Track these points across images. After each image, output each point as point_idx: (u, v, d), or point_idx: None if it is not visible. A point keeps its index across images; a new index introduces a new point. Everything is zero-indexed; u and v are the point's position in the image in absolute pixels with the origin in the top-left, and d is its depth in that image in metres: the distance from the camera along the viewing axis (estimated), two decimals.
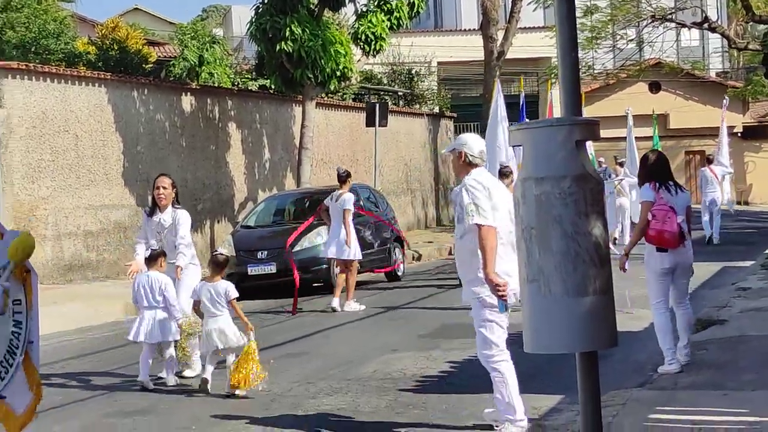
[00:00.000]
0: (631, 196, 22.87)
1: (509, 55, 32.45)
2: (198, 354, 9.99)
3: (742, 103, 44.50)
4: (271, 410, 8.46)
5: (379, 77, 36.80)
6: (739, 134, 43.93)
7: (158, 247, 10.23)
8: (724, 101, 28.75)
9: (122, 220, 20.60)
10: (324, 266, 17.26)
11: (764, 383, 8.07)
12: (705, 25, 29.71)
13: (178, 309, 9.85)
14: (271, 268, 17.10)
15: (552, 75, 31.82)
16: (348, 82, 26.37)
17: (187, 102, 23.12)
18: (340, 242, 15.21)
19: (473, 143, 7.37)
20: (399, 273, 19.32)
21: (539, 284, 4.65)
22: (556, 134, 4.67)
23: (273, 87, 25.17)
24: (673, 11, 29.61)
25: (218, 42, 25.94)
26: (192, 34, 24.95)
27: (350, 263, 15.26)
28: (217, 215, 23.67)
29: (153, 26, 44.01)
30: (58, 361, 11.22)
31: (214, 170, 23.73)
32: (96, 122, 20.24)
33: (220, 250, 9.94)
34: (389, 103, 31.24)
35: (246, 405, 8.71)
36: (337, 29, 25.14)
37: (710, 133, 38.35)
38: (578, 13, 16.06)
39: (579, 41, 5.86)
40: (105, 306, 15.81)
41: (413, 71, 37.68)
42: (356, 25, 24.49)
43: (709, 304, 13.06)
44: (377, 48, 24.52)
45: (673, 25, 30.64)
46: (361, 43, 24.31)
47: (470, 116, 36.13)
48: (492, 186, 7.21)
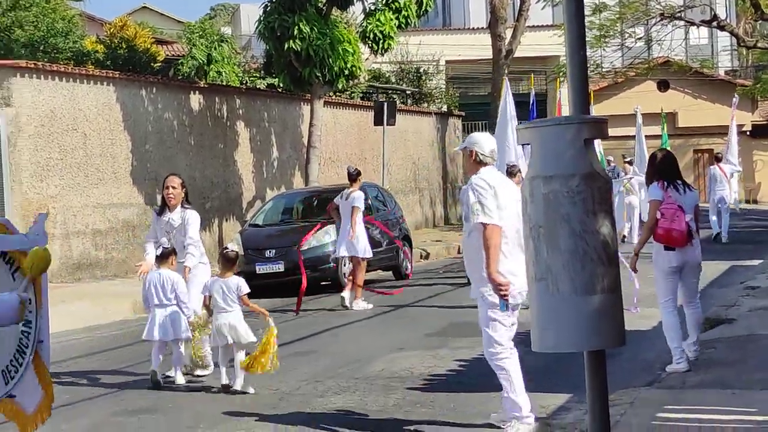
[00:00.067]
0: (641, 195, 22.86)
1: (517, 54, 32.41)
2: (209, 349, 9.99)
3: (751, 102, 44.38)
4: (280, 409, 8.47)
5: (388, 76, 36.78)
6: (748, 133, 43.84)
7: (169, 246, 10.19)
8: (734, 99, 28.68)
9: (131, 219, 20.62)
10: (332, 265, 17.27)
11: None
12: (714, 24, 29.63)
13: (190, 306, 9.84)
14: (279, 267, 17.10)
15: (560, 73, 31.79)
16: (356, 81, 26.37)
17: (196, 100, 23.14)
18: (350, 240, 15.24)
19: (484, 142, 7.37)
20: (407, 271, 19.35)
21: (547, 283, 4.64)
22: (565, 133, 4.67)
23: (281, 85, 25.17)
24: (682, 9, 29.54)
25: (226, 40, 25.92)
26: (200, 33, 24.93)
27: (359, 261, 15.28)
28: (226, 214, 23.69)
29: (161, 25, 44.08)
30: (66, 360, 11.23)
31: (223, 169, 23.75)
32: (104, 121, 20.26)
33: (230, 246, 9.92)
34: (397, 102, 31.21)
35: (254, 403, 8.72)
36: (346, 28, 25.16)
37: (719, 132, 38.27)
38: (587, 11, 16.01)
39: (587, 39, 5.86)
40: (113, 305, 15.83)
41: (421, 70, 37.66)
42: (364, 24, 24.48)
43: (718, 303, 13.06)
44: (385, 46, 24.49)
45: (682, 24, 30.57)
46: (370, 42, 24.29)
47: (478, 115, 36.09)
48: (499, 185, 7.19)
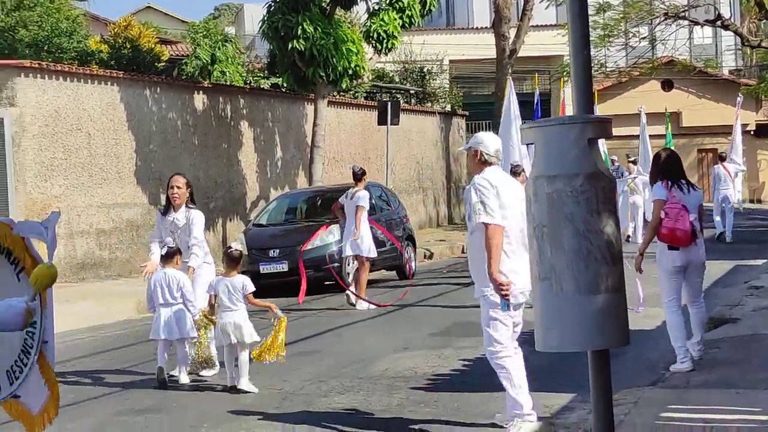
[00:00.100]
0: (645, 194, 22.85)
1: (521, 53, 32.43)
2: (215, 349, 9.99)
3: (755, 101, 44.31)
4: (283, 408, 8.48)
5: (391, 75, 36.78)
6: (752, 132, 43.79)
7: (174, 245, 10.16)
8: (738, 99, 28.65)
9: (135, 219, 20.64)
10: (336, 264, 17.28)
11: None
12: (718, 23, 29.66)
13: (196, 305, 9.83)
14: (283, 267, 17.09)
15: (564, 73, 31.78)
16: (360, 81, 26.35)
17: (200, 100, 23.16)
18: (355, 239, 15.27)
19: (489, 142, 7.38)
20: (410, 271, 19.38)
21: (551, 282, 4.63)
22: (569, 132, 4.65)
23: (285, 85, 25.17)
24: (686, 9, 29.54)
25: (230, 40, 25.95)
26: (204, 33, 24.96)
27: (363, 260, 15.30)
28: (230, 213, 23.70)
29: (165, 25, 44.08)
30: (71, 360, 11.25)
31: (227, 168, 23.77)
32: (108, 121, 20.29)
33: (234, 245, 9.92)
34: (401, 102, 31.21)
35: (258, 403, 8.72)
36: (349, 27, 25.15)
37: (723, 131, 38.25)
38: (591, 11, 16.01)
39: (591, 39, 5.86)
40: (117, 304, 15.86)
41: (425, 69, 37.65)
42: (368, 24, 24.49)
43: (722, 303, 13.05)
44: (389, 46, 24.51)
45: (686, 23, 30.56)
46: (373, 42, 24.30)
47: (482, 114, 36.09)
48: (502, 184, 7.19)
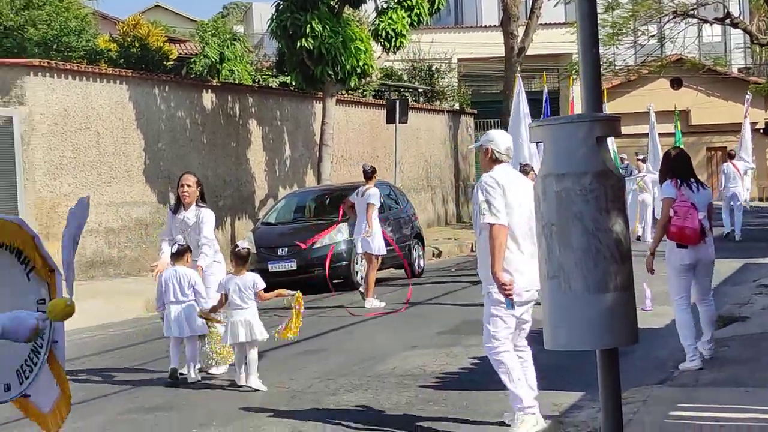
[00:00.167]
0: (654, 192, 22.85)
1: (530, 52, 32.38)
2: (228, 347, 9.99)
3: (765, 99, 44.27)
4: (292, 406, 8.49)
5: (400, 74, 36.80)
6: (761, 130, 43.71)
7: (184, 243, 10.15)
8: (747, 97, 28.61)
9: (143, 217, 20.68)
10: (344, 263, 17.32)
11: None
12: (727, 21, 29.60)
13: (209, 303, 9.82)
14: (292, 265, 17.12)
15: (573, 71, 31.79)
16: (368, 79, 26.42)
17: (208, 99, 23.19)
18: (365, 237, 15.31)
19: (500, 140, 7.37)
20: (419, 269, 19.43)
21: (559, 281, 4.62)
22: (577, 131, 4.64)
23: (293, 84, 25.20)
24: (695, 7, 29.49)
25: (239, 39, 25.98)
26: (213, 32, 24.99)
27: (372, 258, 15.33)
28: (238, 212, 23.73)
29: (174, 23, 44.12)
30: (80, 358, 11.29)
31: (235, 167, 23.80)
32: (117, 119, 20.32)
33: (241, 244, 9.90)
34: (409, 100, 31.23)
35: (267, 401, 8.75)
36: (358, 26, 25.17)
37: (732, 130, 38.18)
38: (599, 9, 16.03)
39: (600, 37, 5.84)
40: (126, 303, 15.91)
41: (433, 68, 37.67)
42: (376, 22, 24.51)
43: (731, 301, 13.02)
44: (397, 45, 24.53)
45: (695, 21, 30.52)
46: (382, 40, 24.32)
47: (491, 113, 36.08)
48: (509, 183, 7.16)
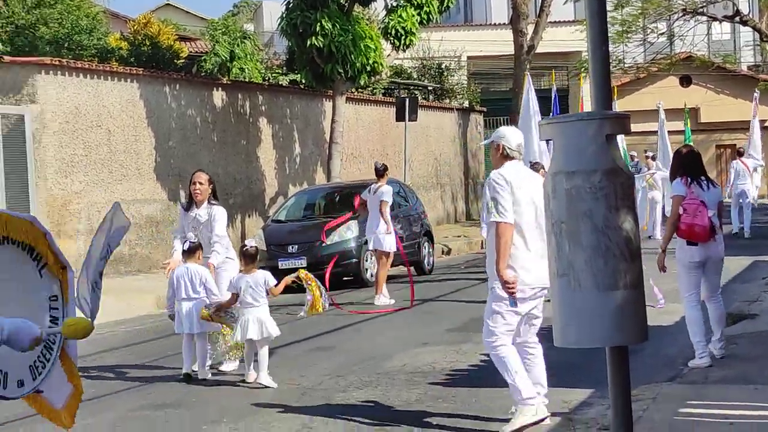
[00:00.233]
0: (663, 190, 22.86)
1: (539, 50, 32.36)
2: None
3: None
4: (302, 402, 8.53)
5: (409, 72, 36.81)
6: None
7: (196, 240, 10.17)
8: (755, 94, 28.56)
9: (154, 215, 20.75)
10: (354, 260, 17.36)
11: None
12: (736, 19, 29.52)
13: (221, 298, 9.84)
14: (302, 263, 17.12)
15: (583, 69, 31.75)
16: (378, 77, 26.42)
17: (219, 97, 23.24)
18: (378, 234, 15.37)
19: (511, 136, 7.40)
20: (428, 267, 19.49)
21: (569, 279, 4.62)
22: (587, 128, 4.64)
23: (303, 82, 25.22)
24: (705, 5, 29.42)
25: (249, 37, 26.04)
26: (223, 30, 25.06)
27: (383, 255, 15.39)
28: (248, 210, 23.79)
29: (184, 22, 44.17)
30: (91, 354, 11.32)
31: (245, 165, 23.85)
32: (128, 117, 20.39)
33: (248, 243, 9.93)
34: (419, 98, 31.25)
35: (277, 398, 8.78)
36: (367, 24, 25.17)
37: (741, 127, 38.10)
38: (609, 7, 15.99)
39: (609, 35, 5.84)
40: (137, 300, 15.96)
41: (443, 66, 37.67)
42: (386, 20, 24.52)
43: (740, 299, 13.02)
44: (407, 43, 24.53)
45: (705, 19, 30.45)
46: (391, 38, 24.33)
47: (500, 110, 36.07)
48: (518, 180, 7.18)
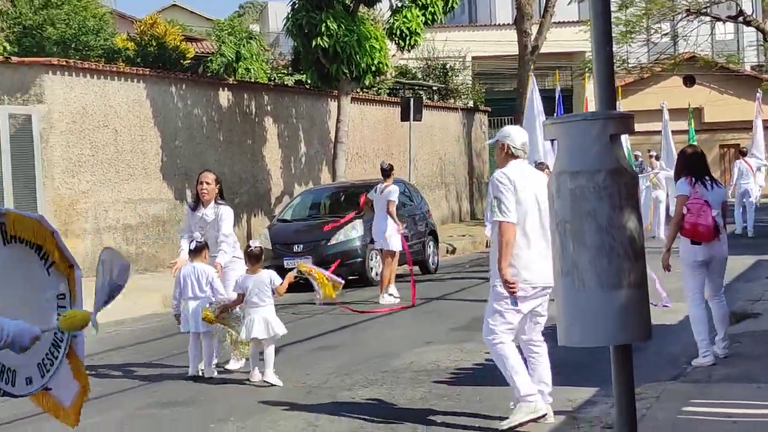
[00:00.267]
0: (667, 189, 22.90)
1: (543, 50, 32.40)
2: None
3: None
4: (308, 401, 8.57)
5: (414, 72, 36.85)
6: None
7: (202, 240, 10.20)
8: (758, 94, 28.59)
9: (161, 214, 20.81)
10: (359, 260, 17.43)
11: None
12: (740, 19, 29.61)
13: (227, 299, 9.87)
14: (307, 261, 17.20)
15: (587, 69, 31.81)
16: (383, 77, 26.46)
17: (225, 97, 23.30)
18: (383, 234, 15.45)
19: (516, 135, 7.46)
20: (433, 266, 19.58)
21: (573, 278, 4.60)
22: (591, 128, 4.62)
23: (309, 82, 25.26)
24: (708, 5, 29.48)
25: (255, 38, 26.08)
26: (229, 30, 25.11)
27: (389, 254, 15.46)
28: (254, 209, 23.85)
29: (191, 22, 44.22)
30: (98, 353, 11.36)
31: (251, 164, 23.91)
32: (135, 117, 20.44)
33: (252, 243, 9.96)
34: (424, 98, 31.29)
35: (283, 396, 8.83)
36: (372, 25, 25.21)
37: (745, 127, 38.05)
38: (613, 7, 16.07)
39: (613, 35, 5.88)
40: (143, 299, 16.00)
41: (447, 66, 37.72)
42: (391, 21, 24.56)
43: (744, 298, 13.04)
44: (412, 43, 24.56)
45: (708, 19, 30.51)
46: (396, 38, 24.36)
47: (504, 110, 36.11)
48: (523, 179, 7.23)
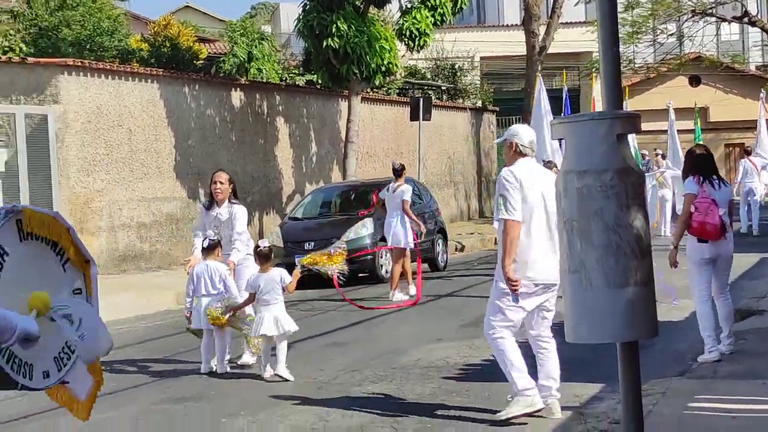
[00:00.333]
0: (673, 188, 23.04)
1: (551, 50, 32.49)
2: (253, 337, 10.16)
3: None
4: (319, 396, 8.63)
5: (423, 72, 36.95)
6: None
7: (215, 238, 10.28)
8: (762, 94, 28.67)
9: (174, 212, 20.97)
10: (369, 257, 17.60)
11: None
12: (745, 20, 29.67)
13: (239, 297, 9.97)
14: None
15: (594, 69, 31.91)
16: (392, 77, 26.56)
17: (237, 97, 23.44)
18: (395, 232, 15.63)
19: (524, 133, 7.56)
20: (442, 264, 19.73)
21: (580, 276, 4.62)
22: (598, 128, 4.65)
23: (320, 82, 25.34)
24: (714, 6, 29.55)
25: (267, 38, 26.23)
26: (241, 31, 25.27)
27: (401, 252, 15.64)
28: (266, 208, 24.00)
29: (204, 24, 44.39)
30: (112, 349, 11.47)
31: (263, 164, 24.04)
32: (149, 117, 20.58)
33: (262, 243, 10.06)
34: (433, 98, 31.39)
35: (294, 391, 8.89)
36: (382, 25, 25.32)
37: (750, 126, 38.04)
38: (619, 8, 16.18)
39: (620, 36, 6.01)
40: (157, 296, 16.13)
41: (456, 66, 37.78)
42: (401, 22, 24.68)
43: (749, 295, 13.08)
44: (421, 44, 24.68)
45: (714, 20, 30.58)
46: (406, 39, 24.47)
47: (512, 110, 36.17)
48: (530, 177, 7.30)
